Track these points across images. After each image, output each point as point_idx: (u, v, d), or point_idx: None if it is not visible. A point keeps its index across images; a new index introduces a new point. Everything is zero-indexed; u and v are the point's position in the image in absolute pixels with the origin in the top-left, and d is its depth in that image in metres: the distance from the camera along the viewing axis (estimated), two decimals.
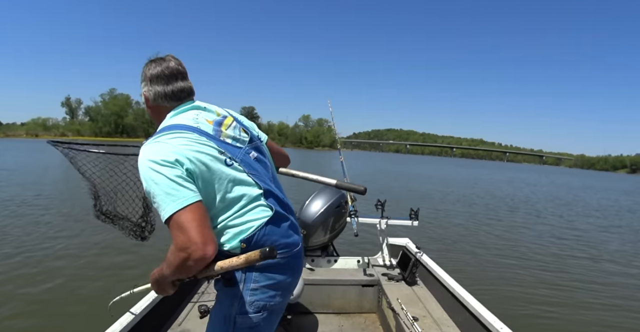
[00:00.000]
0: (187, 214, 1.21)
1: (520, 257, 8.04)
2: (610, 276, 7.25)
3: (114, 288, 3.93)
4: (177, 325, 2.64)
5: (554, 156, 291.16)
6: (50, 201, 10.90)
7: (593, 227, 12.96)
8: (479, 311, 2.47)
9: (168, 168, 1.25)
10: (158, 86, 1.48)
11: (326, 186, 3.62)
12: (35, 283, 5.07)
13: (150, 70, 1.49)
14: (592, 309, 5.54)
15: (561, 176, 65.43)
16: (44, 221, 8.54)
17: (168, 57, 1.53)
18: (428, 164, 71.87)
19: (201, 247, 1.18)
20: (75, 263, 5.97)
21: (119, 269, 5.74)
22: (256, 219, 1.37)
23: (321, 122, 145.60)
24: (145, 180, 1.27)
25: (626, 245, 10.20)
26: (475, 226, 11.16)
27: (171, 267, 1.25)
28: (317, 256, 3.75)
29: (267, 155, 1.62)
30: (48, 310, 4.41)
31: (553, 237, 10.55)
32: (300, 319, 3.21)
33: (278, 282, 1.42)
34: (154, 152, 1.29)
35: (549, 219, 13.83)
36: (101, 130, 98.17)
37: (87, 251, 6.58)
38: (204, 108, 1.50)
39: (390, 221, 3.80)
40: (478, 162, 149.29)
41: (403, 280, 3.38)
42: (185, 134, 1.35)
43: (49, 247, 6.63)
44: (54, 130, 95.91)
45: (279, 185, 1.58)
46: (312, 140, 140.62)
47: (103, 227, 2.72)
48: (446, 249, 8.11)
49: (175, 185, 1.23)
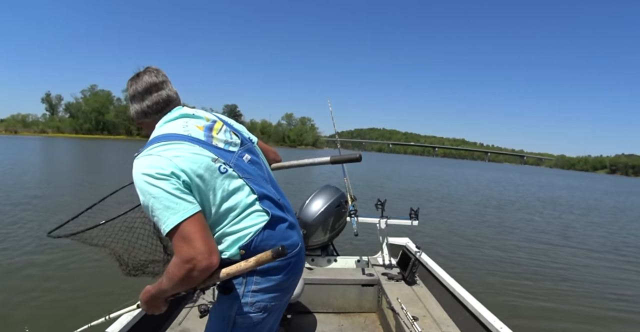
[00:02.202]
0: (190, 226, 1.22)
1: (520, 257, 8.09)
2: (610, 276, 7.25)
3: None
4: (177, 325, 2.61)
5: (534, 156, 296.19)
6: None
7: (593, 227, 13.09)
8: (478, 310, 2.48)
9: (165, 181, 1.25)
10: (136, 104, 1.51)
11: (326, 189, 3.66)
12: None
13: (129, 90, 1.52)
14: (593, 309, 5.56)
15: (545, 177, 66.58)
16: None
17: (142, 72, 1.53)
18: (413, 163, 72.45)
19: (207, 257, 1.20)
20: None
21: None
22: (253, 225, 1.37)
23: (304, 120, 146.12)
24: (142, 194, 1.26)
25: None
26: (474, 226, 11.24)
27: (174, 280, 1.25)
28: (317, 256, 3.74)
29: (260, 156, 1.61)
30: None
31: (552, 237, 10.66)
32: (300, 319, 3.20)
33: (279, 283, 1.43)
34: (148, 166, 1.28)
35: (547, 219, 14.03)
36: (82, 127, 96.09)
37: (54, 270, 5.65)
38: (192, 115, 1.50)
39: (390, 220, 3.80)
40: (460, 162, 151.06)
41: (403, 280, 3.38)
42: (177, 144, 1.34)
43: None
44: (34, 126, 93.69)
45: (275, 185, 1.57)
46: (295, 138, 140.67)
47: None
48: (446, 249, 8.13)
49: (174, 198, 1.23)
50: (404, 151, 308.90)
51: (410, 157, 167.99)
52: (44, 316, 4.27)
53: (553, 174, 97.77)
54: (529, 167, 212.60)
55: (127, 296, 3.16)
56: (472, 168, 74.23)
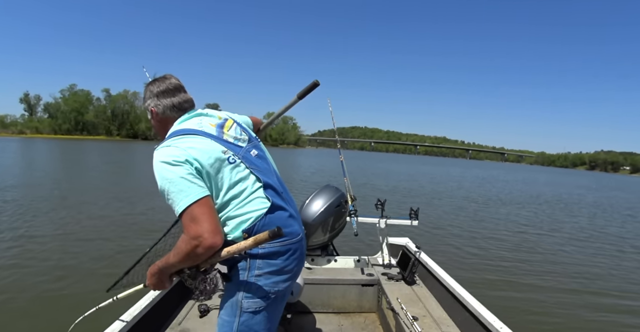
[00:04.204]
0: (199, 208, 1.37)
1: (520, 257, 8.09)
2: (612, 277, 7.24)
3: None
4: (177, 324, 2.59)
5: (515, 153, 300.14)
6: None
7: (593, 226, 13.12)
8: (478, 310, 2.48)
9: (179, 168, 1.41)
10: (165, 99, 1.65)
11: (326, 189, 3.65)
12: None
13: (156, 87, 1.66)
14: (593, 309, 5.56)
15: (530, 173, 67.40)
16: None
17: (168, 76, 1.71)
18: (396, 162, 72.40)
19: (212, 236, 1.34)
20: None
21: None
22: (255, 210, 1.51)
23: (286, 119, 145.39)
24: (160, 180, 1.42)
25: None
26: (474, 226, 11.23)
27: (180, 255, 1.38)
28: (317, 256, 3.72)
29: (266, 153, 1.75)
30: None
31: (551, 235, 10.73)
32: (300, 319, 3.20)
33: (280, 269, 1.55)
34: (165, 155, 1.44)
35: (543, 218, 14.13)
36: (60, 128, 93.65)
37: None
38: (206, 114, 1.66)
39: (390, 220, 3.79)
40: (442, 160, 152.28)
41: (403, 279, 3.38)
42: (192, 137, 1.51)
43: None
44: (12, 127, 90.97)
45: (280, 179, 1.71)
46: (277, 137, 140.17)
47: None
48: (446, 248, 8.14)
49: (187, 182, 1.39)
50: (385, 149, 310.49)
51: (392, 155, 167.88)
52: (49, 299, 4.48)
53: (535, 170, 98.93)
54: (509, 164, 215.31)
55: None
56: (455, 166, 74.70)
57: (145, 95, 1.69)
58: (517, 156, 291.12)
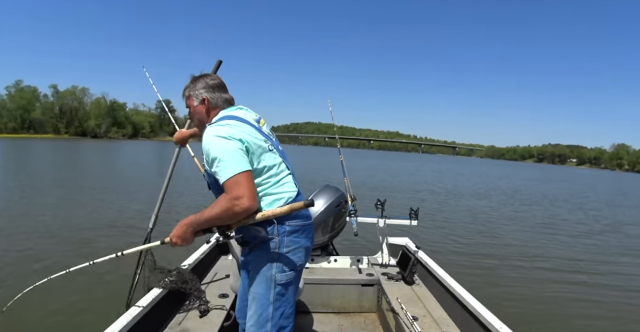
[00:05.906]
0: (244, 177, 1.59)
1: (519, 257, 8.02)
2: (613, 278, 7.16)
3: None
4: (176, 324, 2.53)
5: (466, 147, 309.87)
6: None
7: (593, 225, 13.07)
8: (478, 310, 2.48)
9: (234, 142, 1.65)
10: (219, 93, 1.90)
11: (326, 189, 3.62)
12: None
13: (210, 80, 1.91)
14: (593, 309, 5.52)
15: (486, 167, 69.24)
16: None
17: (213, 75, 1.98)
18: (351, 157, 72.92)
19: (250, 200, 1.57)
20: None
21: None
22: (288, 191, 1.78)
23: None
24: (213, 149, 1.63)
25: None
26: (472, 225, 11.15)
27: (217, 210, 1.59)
28: (317, 256, 3.72)
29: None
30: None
31: (550, 235, 10.65)
32: (300, 319, 3.19)
33: (301, 246, 1.81)
34: (223, 131, 1.67)
35: (540, 216, 14.16)
36: (6, 126, 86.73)
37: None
38: (247, 109, 1.93)
39: (390, 220, 3.79)
40: (396, 154, 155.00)
41: (403, 279, 3.38)
42: (242, 124, 1.75)
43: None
44: None
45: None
46: None
47: None
48: (445, 248, 8.12)
49: (238, 155, 1.63)
50: (340, 144, 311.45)
51: (347, 150, 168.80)
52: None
53: (486, 164, 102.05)
54: (461, 157, 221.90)
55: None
56: (409, 160, 75.90)
57: (197, 85, 1.89)
58: (468, 150, 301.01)
